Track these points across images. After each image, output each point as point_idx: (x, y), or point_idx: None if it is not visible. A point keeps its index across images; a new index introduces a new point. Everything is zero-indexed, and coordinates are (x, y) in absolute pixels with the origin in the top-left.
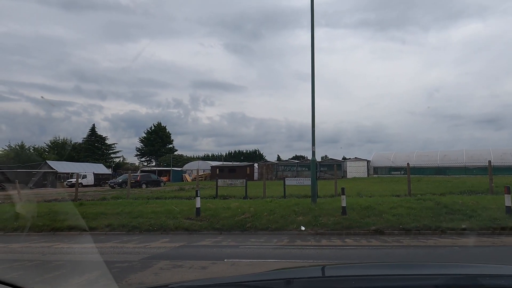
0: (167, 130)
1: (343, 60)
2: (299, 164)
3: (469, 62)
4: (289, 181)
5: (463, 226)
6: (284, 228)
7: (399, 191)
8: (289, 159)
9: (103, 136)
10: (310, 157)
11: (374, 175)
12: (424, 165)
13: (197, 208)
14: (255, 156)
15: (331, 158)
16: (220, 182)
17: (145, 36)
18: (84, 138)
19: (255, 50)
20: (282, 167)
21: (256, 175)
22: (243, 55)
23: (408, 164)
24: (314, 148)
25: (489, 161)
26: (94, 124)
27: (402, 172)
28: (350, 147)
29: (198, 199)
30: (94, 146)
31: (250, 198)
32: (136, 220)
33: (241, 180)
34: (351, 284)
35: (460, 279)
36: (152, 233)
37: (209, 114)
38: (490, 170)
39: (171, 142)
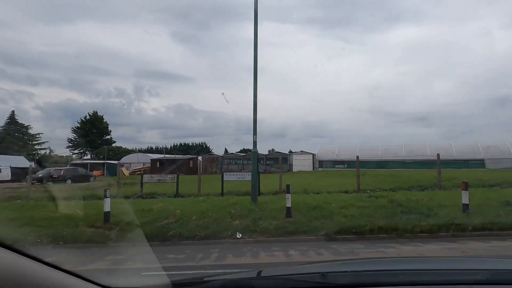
0: (104, 120)
1: (292, 55)
2: (245, 157)
3: (406, 63)
4: (228, 176)
5: (423, 229)
6: (216, 235)
7: (346, 185)
8: (237, 152)
9: (25, 124)
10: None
11: (319, 169)
12: (367, 159)
13: (106, 213)
14: (202, 149)
15: (277, 152)
16: (147, 177)
17: (84, 18)
18: (1, 126)
19: (204, 41)
20: (228, 160)
21: (200, 168)
22: (192, 45)
23: (357, 157)
24: (256, 138)
25: (438, 155)
26: (13, 111)
27: (346, 165)
28: (297, 141)
29: (108, 200)
30: (13, 136)
31: (182, 197)
32: (21, 230)
33: (171, 176)
34: (386, 279)
35: (499, 273)
36: (40, 247)
37: (154, 105)
38: (438, 164)
39: (108, 133)
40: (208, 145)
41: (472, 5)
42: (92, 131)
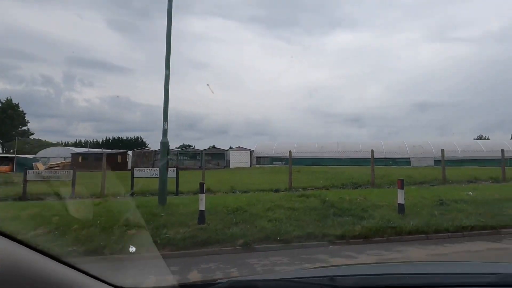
0: (21, 109)
1: (235, 52)
2: (180, 152)
3: (342, 67)
4: (139, 173)
5: (356, 233)
6: (100, 251)
7: (279, 183)
8: (176, 148)
9: None
10: (197, 146)
11: (257, 165)
12: (303, 155)
13: None
14: (137, 143)
15: (215, 147)
16: (32, 174)
17: None
18: None
19: (144, 31)
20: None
21: (130, 163)
22: (130, 35)
23: (290, 152)
24: (166, 125)
25: (372, 151)
26: None
27: (283, 162)
28: (239, 138)
29: None
30: None
31: (78, 198)
32: None
33: (66, 172)
34: (395, 281)
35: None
36: None
37: (87, 95)
38: (372, 161)
39: (25, 123)
40: (144, 140)
41: (402, 18)
42: (5, 121)
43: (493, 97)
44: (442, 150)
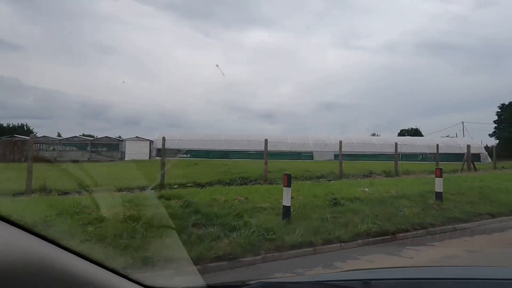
0: None
1: (150, 39)
2: (63, 142)
3: (257, 63)
4: None
5: (220, 253)
6: None
7: (155, 179)
8: (75, 136)
9: None
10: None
11: (157, 157)
12: (210, 148)
13: None
14: (22, 132)
15: (106, 137)
16: None
17: None
18: None
19: (39, 4)
20: (39, 145)
21: None
22: (23, 7)
23: (164, 138)
24: None
25: (266, 140)
26: None
27: (189, 154)
28: (153, 130)
29: None
30: None
31: None
32: None
33: None
34: (433, 287)
35: None
36: None
37: None
38: (266, 153)
39: None
40: (31, 128)
41: (314, 23)
42: None
43: (384, 100)
44: (340, 142)
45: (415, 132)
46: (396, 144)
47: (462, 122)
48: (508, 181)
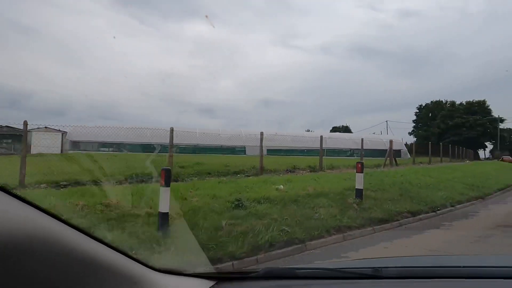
0: None
1: (79, 24)
2: None
3: (197, 57)
4: None
5: None
6: None
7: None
8: None
9: None
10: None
11: (71, 151)
12: (136, 141)
13: None
14: None
15: (7, 126)
16: None
17: None
18: None
19: None
20: None
21: None
22: None
23: (24, 127)
24: None
25: (171, 128)
26: None
27: (113, 148)
28: (80, 121)
29: None
30: None
31: None
32: None
33: None
34: (443, 273)
35: None
36: None
37: None
38: (170, 145)
39: None
40: None
41: (254, 20)
42: None
43: (319, 99)
44: (261, 134)
45: (345, 129)
46: (321, 137)
47: (386, 121)
48: (426, 175)
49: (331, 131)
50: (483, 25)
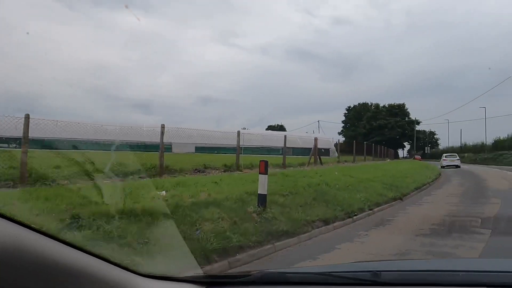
0: None
1: None
2: None
3: (132, 49)
4: None
5: None
6: None
7: None
8: None
9: None
10: None
11: None
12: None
13: None
14: None
15: None
16: None
17: None
18: None
19: None
20: None
21: None
22: None
23: None
24: None
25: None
26: None
27: (15, 144)
28: None
29: None
30: None
31: None
32: None
33: None
34: (446, 278)
35: None
36: None
37: None
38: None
39: None
40: None
41: (194, 15)
42: None
43: (258, 98)
44: (162, 126)
45: (280, 128)
46: (238, 132)
47: (318, 121)
48: (347, 175)
49: (266, 129)
50: (404, 36)
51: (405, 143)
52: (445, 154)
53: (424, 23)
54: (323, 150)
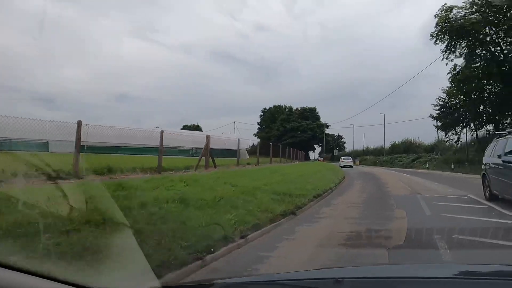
0: None
1: None
2: None
3: (37, 36)
4: None
5: None
6: None
7: None
8: None
9: None
10: None
11: None
12: None
13: None
14: None
15: None
16: None
17: None
18: None
19: None
20: None
21: None
22: None
23: None
24: None
25: None
26: None
27: None
28: None
29: None
30: None
31: None
32: None
33: None
34: (403, 286)
35: None
36: None
37: None
38: None
39: None
40: None
41: (110, 4)
42: None
43: (179, 98)
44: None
45: (196, 129)
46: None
47: (234, 122)
48: (228, 183)
49: (181, 129)
50: (319, 47)
51: (316, 146)
52: (342, 157)
53: (336, 37)
54: (232, 150)
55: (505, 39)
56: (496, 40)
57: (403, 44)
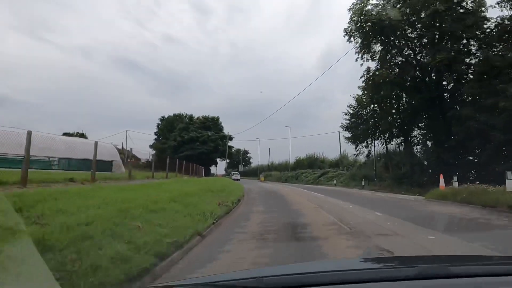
0: None
1: None
2: None
3: None
4: None
5: None
6: None
7: None
8: None
9: None
10: None
11: None
12: None
13: None
14: None
15: None
16: None
17: None
18: None
19: None
20: None
21: None
22: None
23: None
24: None
25: None
26: None
27: None
28: None
29: None
30: None
31: None
32: None
33: None
34: (325, 279)
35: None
36: None
37: None
38: None
39: None
40: None
41: None
42: None
43: (75, 105)
44: None
45: (81, 136)
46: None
47: (126, 130)
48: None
49: (62, 136)
50: (228, 64)
51: (218, 160)
52: (232, 172)
53: (244, 57)
54: (103, 162)
55: (417, 43)
56: (411, 45)
57: (304, 70)
